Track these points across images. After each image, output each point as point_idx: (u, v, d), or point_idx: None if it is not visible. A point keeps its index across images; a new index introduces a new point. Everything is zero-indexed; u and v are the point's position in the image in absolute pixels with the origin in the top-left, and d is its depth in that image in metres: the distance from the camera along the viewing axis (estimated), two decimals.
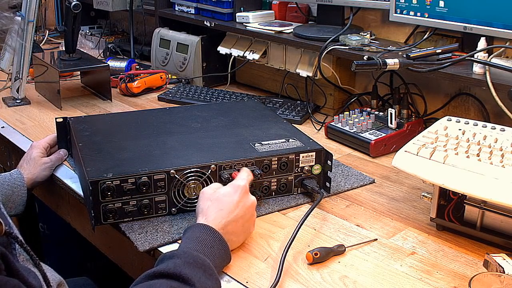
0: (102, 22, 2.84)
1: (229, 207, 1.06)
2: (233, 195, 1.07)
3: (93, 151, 1.26)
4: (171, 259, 0.92)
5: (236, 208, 1.06)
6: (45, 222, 2.12)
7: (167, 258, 0.94)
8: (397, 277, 1.01)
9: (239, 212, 1.06)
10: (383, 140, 1.52)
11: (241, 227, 1.07)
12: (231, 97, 1.94)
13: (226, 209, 1.05)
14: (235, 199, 1.07)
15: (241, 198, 1.07)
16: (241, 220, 1.07)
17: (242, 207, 1.07)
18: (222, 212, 1.05)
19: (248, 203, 1.09)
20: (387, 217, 1.22)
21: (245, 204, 1.08)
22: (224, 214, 1.05)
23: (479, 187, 1.04)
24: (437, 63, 1.44)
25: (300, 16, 1.99)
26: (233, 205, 1.06)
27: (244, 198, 1.08)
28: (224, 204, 1.06)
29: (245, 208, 1.08)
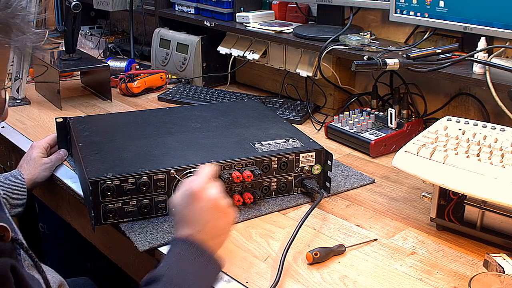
0: (102, 22, 2.84)
1: (190, 220, 0.96)
2: (189, 206, 0.97)
3: (93, 151, 1.26)
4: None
5: (198, 215, 0.96)
6: (45, 222, 2.12)
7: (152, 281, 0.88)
8: (397, 277, 1.01)
9: (203, 216, 0.96)
10: (383, 140, 1.52)
11: (212, 229, 0.97)
12: (231, 97, 1.94)
13: (191, 220, 0.96)
14: (192, 210, 0.97)
15: (196, 204, 0.97)
16: (210, 223, 0.97)
17: (204, 211, 0.97)
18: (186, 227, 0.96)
19: (207, 206, 0.97)
20: (387, 217, 1.22)
21: (201, 209, 0.97)
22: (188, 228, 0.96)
23: (479, 187, 1.04)
24: (437, 63, 1.44)
25: (300, 16, 1.99)
26: (194, 217, 0.96)
27: (200, 203, 0.97)
28: (184, 219, 0.97)
29: (209, 209, 0.97)
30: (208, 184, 0.99)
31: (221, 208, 0.99)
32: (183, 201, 0.98)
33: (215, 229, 0.98)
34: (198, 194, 0.97)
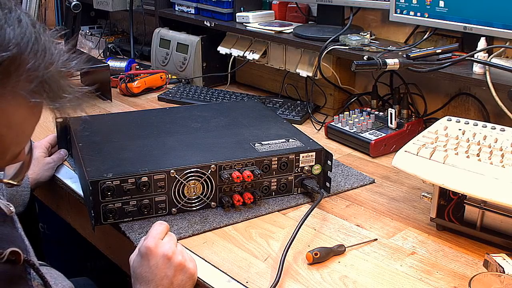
0: (102, 22, 2.84)
1: (146, 278, 0.94)
2: (144, 265, 0.95)
3: (93, 151, 1.26)
4: None
5: (152, 275, 0.94)
6: (45, 222, 2.11)
7: None
8: (397, 277, 1.01)
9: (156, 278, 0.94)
10: (383, 140, 1.52)
11: (169, 286, 0.94)
12: (231, 97, 1.94)
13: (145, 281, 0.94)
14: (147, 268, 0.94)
15: (152, 263, 0.94)
16: (165, 280, 0.94)
17: (157, 271, 0.94)
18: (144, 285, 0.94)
19: (160, 262, 0.94)
20: (387, 217, 1.22)
21: (156, 266, 0.94)
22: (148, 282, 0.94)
23: (479, 187, 1.04)
24: (437, 63, 1.44)
25: (300, 16, 1.99)
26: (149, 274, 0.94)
27: (153, 259, 0.94)
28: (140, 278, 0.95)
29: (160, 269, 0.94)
30: (160, 240, 0.97)
31: (175, 264, 0.95)
32: (137, 258, 0.96)
33: (171, 285, 0.94)
34: (152, 250, 0.94)
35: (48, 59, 0.65)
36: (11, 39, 0.62)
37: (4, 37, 0.62)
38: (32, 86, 0.64)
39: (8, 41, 0.62)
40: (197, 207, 1.22)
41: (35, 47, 0.64)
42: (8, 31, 0.62)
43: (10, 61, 0.61)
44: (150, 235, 0.97)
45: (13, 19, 0.63)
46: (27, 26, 0.64)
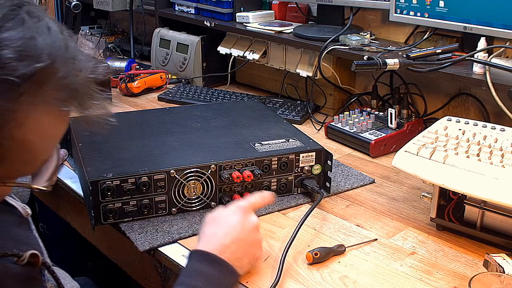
0: (102, 22, 2.84)
1: (226, 229, 0.96)
2: (231, 216, 0.98)
3: (93, 151, 1.25)
4: None
5: (234, 230, 0.96)
6: (45, 222, 2.11)
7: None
8: (397, 277, 1.01)
9: (238, 234, 0.96)
10: (383, 140, 1.52)
11: (242, 250, 0.96)
12: (231, 97, 1.94)
13: (222, 231, 0.96)
14: (233, 221, 0.97)
15: (240, 219, 0.97)
16: (242, 243, 0.96)
17: (242, 229, 0.97)
18: (217, 234, 0.95)
19: (249, 225, 0.98)
20: (387, 217, 1.22)
21: (244, 225, 0.97)
22: (220, 237, 0.95)
23: (479, 187, 1.04)
24: (437, 63, 1.44)
25: (300, 16, 1.99)
26: (231, 227, 0.96)
27: (244, 219, 0.98)
28: (221, 225, 0.97)
29: (245, 230, 0.97)
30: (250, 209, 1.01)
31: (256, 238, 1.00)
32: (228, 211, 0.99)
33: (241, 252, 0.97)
34: (244, 211, 0.99)
35: (77, 67, 0.65)
36: (43, 49, 0.61)
37: (36, 47, 0.61)
38: (62, 94, 0.64)
39: (40, 51, 0.61)
40: (197, 207, 1.22)
41: (65, 56, 0.63)
42: (40, 41, 0.61)
43: (42, 71, 0.61)
44: (250, 200, 1.02)
45: (42, 28, 0.63)
46: (56, 34, 0.64)
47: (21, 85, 0.59)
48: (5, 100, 0.59)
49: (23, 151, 0.64)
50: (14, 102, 0.60)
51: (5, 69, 0.58)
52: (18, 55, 0.59)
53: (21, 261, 0.75)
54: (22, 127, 0.62)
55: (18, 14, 0.61)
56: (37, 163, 0.69)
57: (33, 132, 0.64)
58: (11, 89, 0.59)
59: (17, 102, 0.60)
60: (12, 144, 0.62)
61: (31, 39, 0.61)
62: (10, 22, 0.60)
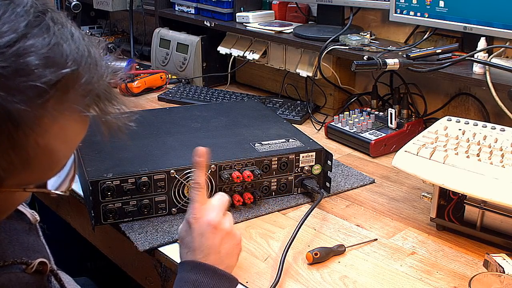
0: (102, 22, 2.84)
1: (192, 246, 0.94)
2: (188, 232, 0.96)
3: (93, 151, 1.25)
4: None
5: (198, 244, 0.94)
6: (45, 222, 2.11)
7: None
8: (397, 277, 1.01)
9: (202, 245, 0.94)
10: (383, 140, 1.52)
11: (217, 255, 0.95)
12: (231, 97, 1.94)
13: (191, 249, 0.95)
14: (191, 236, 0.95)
15: (196, 231, 0.95)
16: (211, 249, 0.94)
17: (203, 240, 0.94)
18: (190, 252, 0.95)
19: (207, 230, 0.95)
20: (387, 217, 1.22)
21: (201, 234, 0.94)
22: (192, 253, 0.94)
23: (479, 187, 1.04)
24: (437, 63, 1.44)
25: (300, 16, 1.99)
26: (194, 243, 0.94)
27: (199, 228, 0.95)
28: (186, 245, 0.96)
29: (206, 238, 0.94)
30: (207, 209, 0.97)
31: (222, 232, 0.96)
32: (184, 227, 0.97)
33: (219, 254, 0.95)
34: (197, 219, 0.95)
35: (99, 72, 0.65)
36: (68, 56, 0.61)
37: (62, 53, 0.61)
38: (86, 100, 0.64)
39: (66, 57, 0.61)
40: None
41: (89, 61, 0.64)
42: (65, 47, 0.61)
43: (68, 77, 0.61)
44: (193, 202, 0.98)
45: (66, 34, 0.63)
46: (79, 40, 0.64)
47: (48, 91, 0.59)
48: (32, 107, 0.59)
49: (46, 158, 0.64)
50: (40, 109, 0.60)
51: (32, 75, 0.58)
52: (44, 62, 0.59)
53: (30, 269, 0.75)
54: (47, 133, 0.62)
55: (43, 20, 0.61)
56: (58, 169, 0.69)
57: (57, 139, 0.64)
58: (38, 96, 0.59)
59: (44, 109, 0.60)
60: (37, 151, 0.62)
61: (56, 45, 0.61)
62: (35, 29, 0.60)
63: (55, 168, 0.68)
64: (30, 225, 0.87)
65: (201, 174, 0.99)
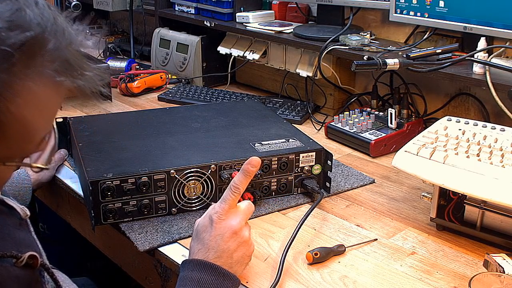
0: (102, 22, 2.84)
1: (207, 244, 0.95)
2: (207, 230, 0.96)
3: (93, 151, 1.26)
4: None
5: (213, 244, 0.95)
6: (45, 222, 2.11)
7: None
8: (397, 277, 1.01)
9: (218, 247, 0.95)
10: (383, 140, 1.52)
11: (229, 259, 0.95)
12: (231, 97, 1.94)
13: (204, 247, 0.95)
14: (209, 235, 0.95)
15: (216, 231, 0.95)
16: (225, 253, 0.95)
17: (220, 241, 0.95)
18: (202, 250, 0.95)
19: (227, 234, 0.95)
20: (387, 217, 1.22)
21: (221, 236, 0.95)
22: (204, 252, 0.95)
23: (479, 187, 1.04)
24: (437, 63, 1.44)
25: (300, 16, 1.99)
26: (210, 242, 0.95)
27: (219, 229, 0.95)
28: (201, 242, 0.96)
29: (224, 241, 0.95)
30: (231, 212, 0.97)
31: (240, 239, 0.96)
32: (205, 222, 0.97)
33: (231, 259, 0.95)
34: (221, 220, 0.95)
35: (66, 39, 0.67)
36: (32, 20, 0.63)
37: (25, 18, 0.63)
38: (55, 65, 0.66)
39: (30, 21, 0.63)
40: (197, 207, 1.22)
41: (54, 27, 0.65)
42: (28, 12, 0.63)
43: (33, 40, 0.63)
44: (223, 201, 0.97)
45: (30, 1, 0.65)
46: (44, 8, 0.66)
47: (13, 55, 0.61)
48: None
49: (21, 127, 0.65)
50: (8, 73, 0.61)
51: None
52: (8, 25, 0.61)
53: (19, 263, 0.76)
54: (19, 99, 0.63)
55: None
56: (36, 141, 0.70)
57: (30, 106, 0.65)
58: (3, 59, 0.61)
59: (11, 73, 0.62)
60: (11, 119, 0.63)
61: (19, 10, 0.63)
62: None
63: (33, 140, 0.69)
64: (20, 220, 0.87)
65: (245, 181, 0.99)
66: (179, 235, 1.13)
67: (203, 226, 0.96)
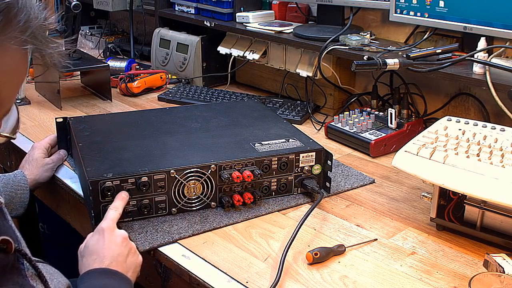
0: (102, 22, 2.84)
1: (102, 251, 1.00)
2: (100, 240, 1.02)
3: (93, 151, 1.26)
4: None
5: (108, 249, 1.00)
6: (45, 222, 2.11)
7: None
8: (397, 277, 1.01)
9: (113, 253, 1.00)
10: (383, 140, 1.52)
11: (123, 264, 1.00)
12: (231, 97, 1.94)
13: (99, 254, 0.99)
14: (104, 242, 1.01)
15: (108, 239, 1.01)
16: (121, 257, 1.00)
17: (115, 245, 1.01)
18: (98, 256, 0.99)
19: (118, 240, 1.02)
20: (387, 217, 1.22)
21: (115, 241, 1.02)
22: (101, 258, 0.99)
23: (479, 187, 1.04)
24: (437, 63, 1.44)
25: (300, 16, 1.99)
26: (106, 248, 1.00)
27: (111, 237, 1.02)
28: (96, 251, 1.00)
29: (117, 245, 1.01)
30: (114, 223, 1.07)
31: (130, 245, 1.04)
32: (94, 236, 1.03)
33: (125, 263, 1.00)
34: (110, 229, 1.04)
35: (35, 12, 0.72)
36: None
37: None
38: (24, 36, 0.70)
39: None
40: (197, 207, 1.22)
41: (23, 1, 0.70)
42: None
43: (9, 8, 0.68)
44: (108, 218, 1.06)
45: None
46: None
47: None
48: None
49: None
50: None
51: None
52: None
53: None
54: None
55: None
56: (3, 110, 0.75)
57: (1, 73, 0.70)
58: None
59: None
60: None
61: None
62: None
63: (1, 108, 0.74)
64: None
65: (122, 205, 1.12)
66: (179, 235, 1.13)
67: (94, 240, 1.02)
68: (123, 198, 1.13)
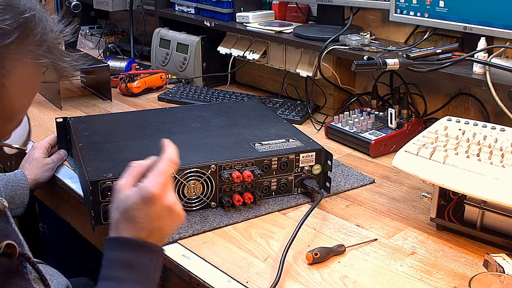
0: (102, 22, 2.84)
1: (140, 223, 0.86)
2: (142, 210, 0.85)
3: (93, 151, 1.26)
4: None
5: (149, 223, 0.86)
6: (45, 222, 2.11)
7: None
8: (397, 277, 1.01)
9: (153, 226, 0.86)
10: (383, 140, 1.52)
11: (162, 235, 0.89)
12: (231, 97, 1.94)
13: (137, 226, 0.86)
14: (145, 214, 0.86)
15: (153, 211, 0.86)
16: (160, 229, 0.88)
17: (156, 221, 0.86)
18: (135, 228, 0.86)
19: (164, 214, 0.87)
20: (387, 217, 1.22)
21: (158, 216, 0.86)
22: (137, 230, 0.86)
23: (479, 187, 1.04)
24: (437, 63, 1.44)
25: (300, 16, 1.99)
26: (146, 221, 0.86)
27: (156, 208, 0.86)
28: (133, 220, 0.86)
29: (161, 221, 0.87)
30: (167, 187, 0.88)
31: (175, 214, 0.88)
32: (136, 199, 0.86)
33: (163, 235, 0.89)
34: (158, 199, 0.86)
35: (50, 25, 0.74)
36: (25, 4, 0.71)
37: (19, 3, 0.70)
38: (40, 50, 0.71)
39: (24, 6, 0.70)
40: (197, 207, 1.22)
41: (41, 14, 0.72)
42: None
43: (27, 23, 0.69)
44: (158, 179, 0.87)
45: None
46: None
47: (12, 32, 0.68)
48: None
49: (8, 105, 0.71)
50: (5, 49, 0.68)
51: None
52: (4, 7, 0.69)
53: None
54: (10, 76, 0.69)
55: None
56: (16, 122, 0.75)
57: (16, 84, 0.71)
58: (3, 36, 0.67)
59: (8, 50, 0.68)
60: (2, 93, 0.69)
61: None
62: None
63: (14, 119, 0.75)
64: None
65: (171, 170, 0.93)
66: (179, 235, 1.13)
67: (138, 206, 0.86)
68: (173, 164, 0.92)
